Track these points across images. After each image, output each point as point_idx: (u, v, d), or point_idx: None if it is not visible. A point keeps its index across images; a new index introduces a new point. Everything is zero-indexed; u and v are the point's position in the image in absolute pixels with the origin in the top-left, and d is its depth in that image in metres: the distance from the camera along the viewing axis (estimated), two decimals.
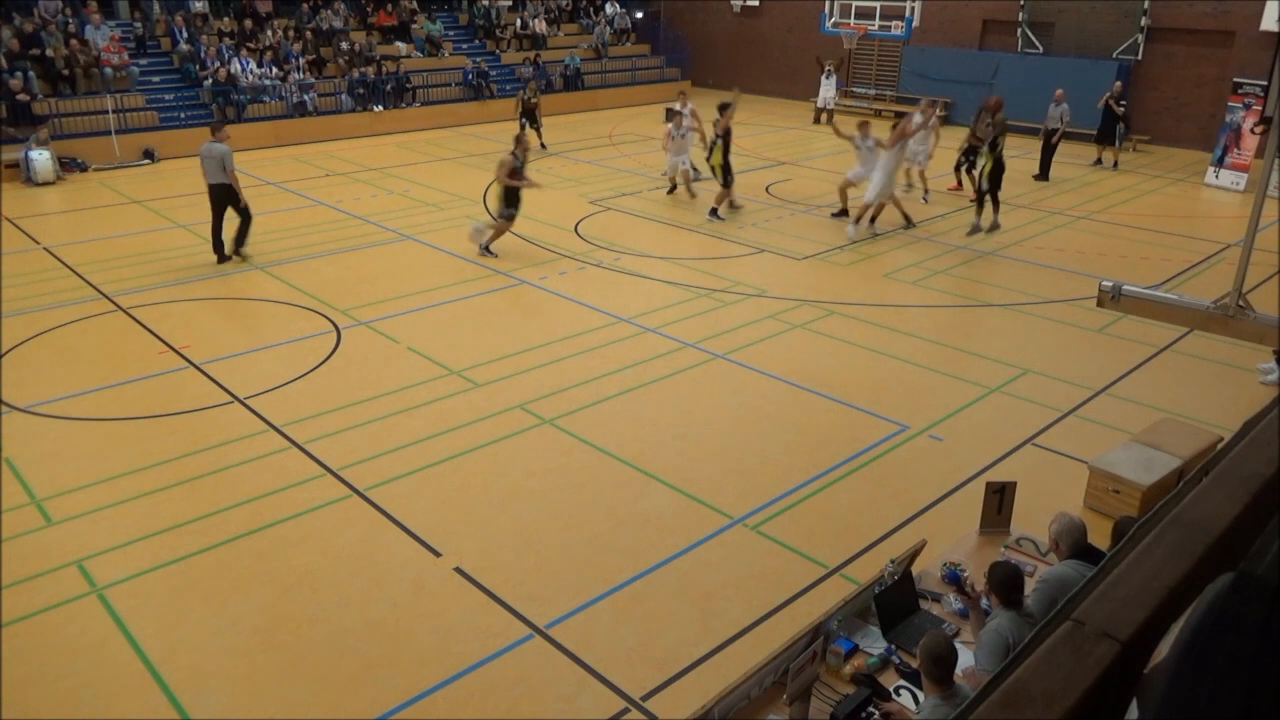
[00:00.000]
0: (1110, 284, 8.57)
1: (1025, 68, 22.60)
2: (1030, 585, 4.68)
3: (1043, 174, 17.68)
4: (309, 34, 22.63)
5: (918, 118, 14.39)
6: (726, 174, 14.59)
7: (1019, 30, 23.03)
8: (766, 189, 16.77)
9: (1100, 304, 8.77)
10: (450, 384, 8.87)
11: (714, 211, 14.64)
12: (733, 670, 4.90)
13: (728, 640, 5.52)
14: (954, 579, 4.81)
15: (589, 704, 5.03)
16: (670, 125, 15.60)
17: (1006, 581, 4.22)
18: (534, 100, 19.65)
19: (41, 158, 16.51)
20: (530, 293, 11.40)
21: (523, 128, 18.47)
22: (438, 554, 6.31)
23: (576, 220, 14.51)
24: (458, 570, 6.14)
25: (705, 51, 29.79)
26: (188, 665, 5.29)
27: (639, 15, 30.25)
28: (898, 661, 4.41)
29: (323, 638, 5.53)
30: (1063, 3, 22.22)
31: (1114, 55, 21.40)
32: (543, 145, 19.71)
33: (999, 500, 5.48)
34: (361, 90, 21.96)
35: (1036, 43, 22.85)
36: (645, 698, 5.07)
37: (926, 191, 16.01)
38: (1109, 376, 9.22)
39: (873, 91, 26.10)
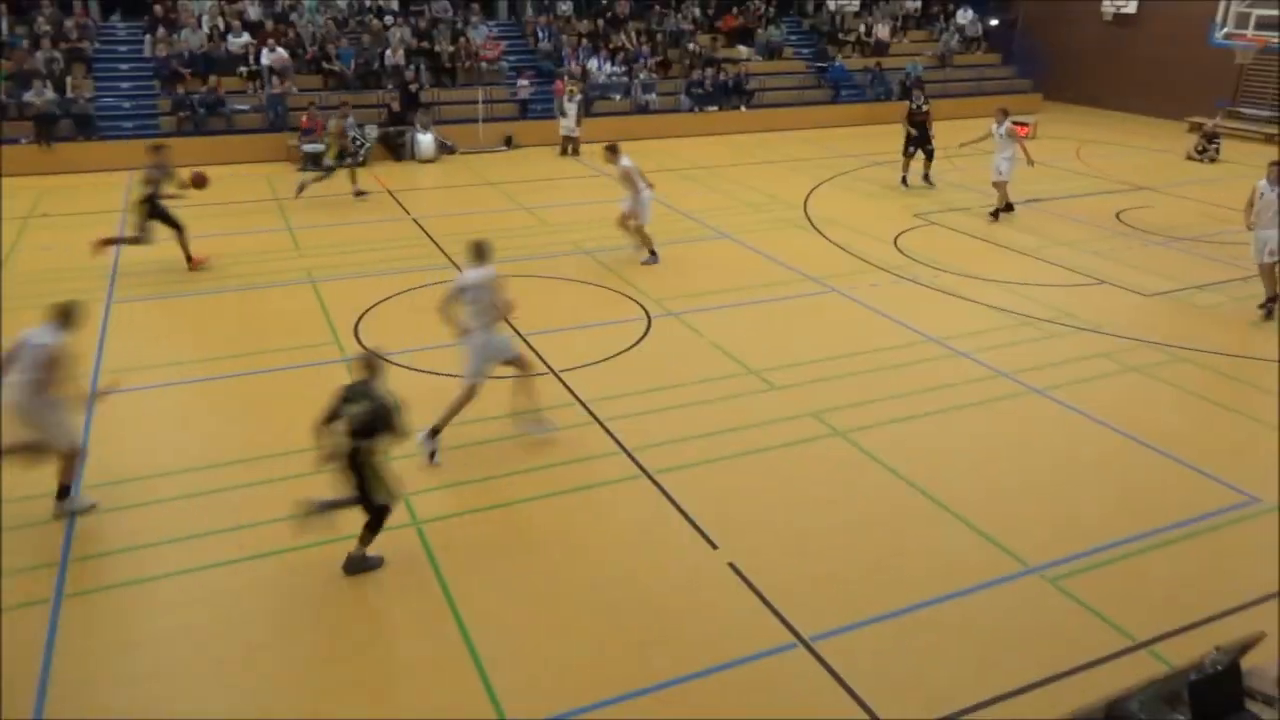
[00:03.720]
0: None
1: None
2: None
3: None
4: (659, 36, 23.82)
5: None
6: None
7: None
8: (1117, 215, 15.19)
9: None
10: (747, 383, 8.95)
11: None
12: None
13: (1004, 694, 5.10)
14: None
15: None
16: None
17: None
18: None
19: (426, 139, 19.27)
20: (838, 301, 11.21)
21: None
22: (715, 546, 6.41)
23: (896, 233, 14.03)
24: (731, 566, 6.19)
25: (1064, 62, 27.43)
26: (480, 610, 5.81)
27: (993, 22, 28.49)
28: None
29: (599, 606, 5.83)
30: None
31: None
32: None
33: None
34: (699, 91, 22.73)
35: None
36: None
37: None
38: None
39: (1268, 113, 22.62)
